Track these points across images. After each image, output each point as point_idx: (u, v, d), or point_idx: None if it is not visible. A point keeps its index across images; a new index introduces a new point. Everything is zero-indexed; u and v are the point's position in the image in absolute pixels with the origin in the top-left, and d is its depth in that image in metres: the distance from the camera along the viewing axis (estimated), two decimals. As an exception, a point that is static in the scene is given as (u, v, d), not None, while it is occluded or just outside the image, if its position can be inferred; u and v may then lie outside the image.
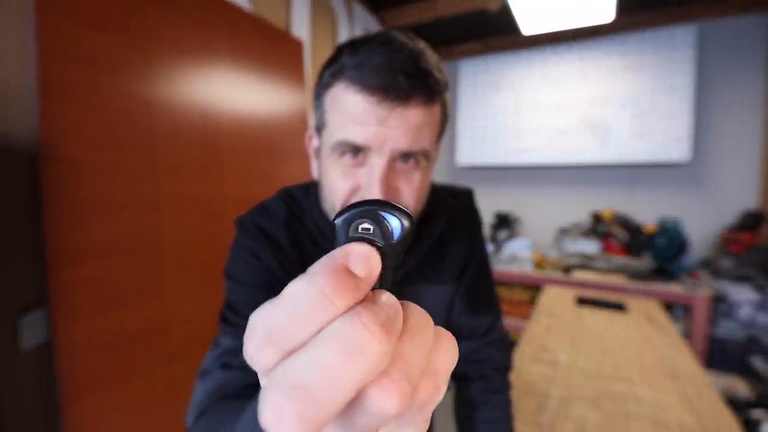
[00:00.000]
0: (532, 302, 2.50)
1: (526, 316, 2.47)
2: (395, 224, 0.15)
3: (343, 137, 0.39)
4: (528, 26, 2.17)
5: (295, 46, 1.79)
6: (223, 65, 1.38)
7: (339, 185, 0.41)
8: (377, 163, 0.38)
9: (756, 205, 2.22)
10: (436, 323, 0.20)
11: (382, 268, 0.14)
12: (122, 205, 1.06)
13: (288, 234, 0.49)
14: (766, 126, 2.21)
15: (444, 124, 0.46)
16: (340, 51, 0.40)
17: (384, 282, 0.15)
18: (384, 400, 0.12)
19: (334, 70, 0.40)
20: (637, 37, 2.38)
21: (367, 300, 0.13)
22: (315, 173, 0.50)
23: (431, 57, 0.40)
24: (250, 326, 0.14)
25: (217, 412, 0.38)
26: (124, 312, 1.06)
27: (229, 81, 1.40)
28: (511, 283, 2.55)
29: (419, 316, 0.15)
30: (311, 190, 0.53)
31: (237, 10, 1.46)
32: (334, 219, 0.16)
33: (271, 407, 0.12)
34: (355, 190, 0.40)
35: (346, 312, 0.13)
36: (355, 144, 0.38)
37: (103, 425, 0.99)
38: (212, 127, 1.32)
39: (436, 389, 0.14)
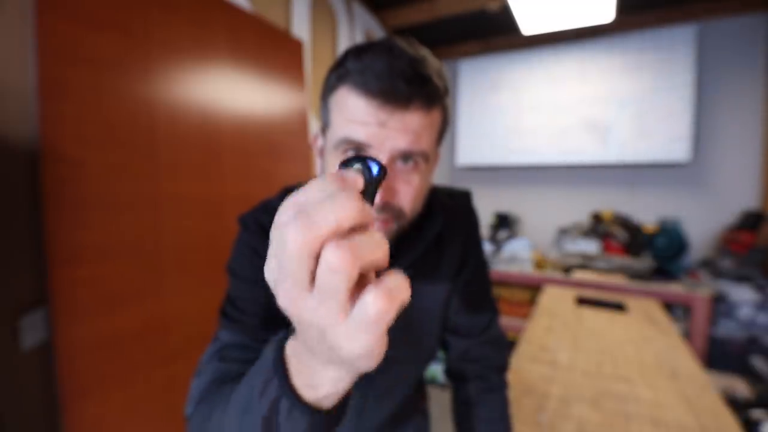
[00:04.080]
0: (531, 302, 2.49)
1: (525, 316, 2.47)
2: (374, 168, 0.24)
3: (345, 134, 0.41)
4: (528, 26, 2.17)
5: (295, 46, 1.79)
6: (223, 65, 1.38)
7: None
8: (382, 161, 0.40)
9: (756, 205, 2.22)
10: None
11: (364, 191, 0.23)
12: (122, 205, 1.06)
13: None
14: (766, 125, 2.21)
15: (444, 128, 0.47)
16: (346, 56, 0.42)
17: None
18: (334, 254, 0.18)
19: (339, 74, 0.42)
20: (637, 36, 2.38)
21: None
22: (319, 172, 0.51)
23: (432, 64, 0.41)
24: (283, 204, 0.20)
25: (216, 395, 0.39)
26: (124, 311, 1.06)
27: (229, 81, 1.40)
28: (511, 283, 2.55)
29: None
30: None
31: (237, 10, 1.46)
32: (339, 166, 0.24)
33: (286, 226, 0.19)
34: None
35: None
36: (357, 141, 0.40)
37: (103, 424, 0.99)
38: (212, 127, 1.32)
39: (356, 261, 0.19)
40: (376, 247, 0.20)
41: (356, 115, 0.40)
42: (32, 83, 0.88)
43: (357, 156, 0.25)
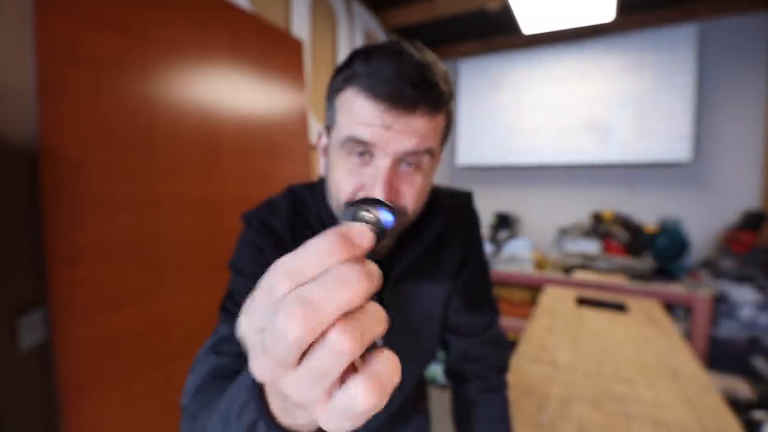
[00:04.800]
0: (532, 302, 2.49)
1: (526, 317, 2.46)
2: (387, 217, 0.22)
3: (350, 133, 0.41)
4: (528, 25, 2.17)
5: (295, 45, 1.79)
6: (223, 65, 1.38)
7: (345, 183, 0.43)
8: (382, 164, 0.41)
9: (757, 205, 2.21)
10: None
11: (374, 245, 0.20)
12: (121, 205, 1.06)
13: (290, 229, 0.52)
14: (767, 125, 2.21)
15: (448, 131, 0.48)
16: (353, 58, 0.42)
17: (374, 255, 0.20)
18: (341, 338, 0.17)
19: (346, 75, 0.42)
20: (637, 36, 2.38)
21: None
22: (323, 170, 0.51)
23: (438, 69, 0.42)
24: (274, 267, 0.19)
25: (211, 388, 0.41)
26: (123, 311, 1.06)
27: (228, 81, 1.40)
28: (512, 283, 2.54)
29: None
30: (316, 188, 0.55)
31: (237, 10, 1.45)
32: (345, 207, 0.23)
33: (285, 312, 0.17)
34: (359, 188, 0.42)
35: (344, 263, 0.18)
36: (362, 140, 0.41)
37: (102, 425, 0.99)
38: (212, 127, 1.32)
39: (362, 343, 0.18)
40: (377, 323, 0.19)
41: (363, 117, 0.40)
42: (31, 83, 0.88)
43: (365, 199, 0.24)
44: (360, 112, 0.40)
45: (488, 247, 2.63)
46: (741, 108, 2.26)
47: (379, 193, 0.40)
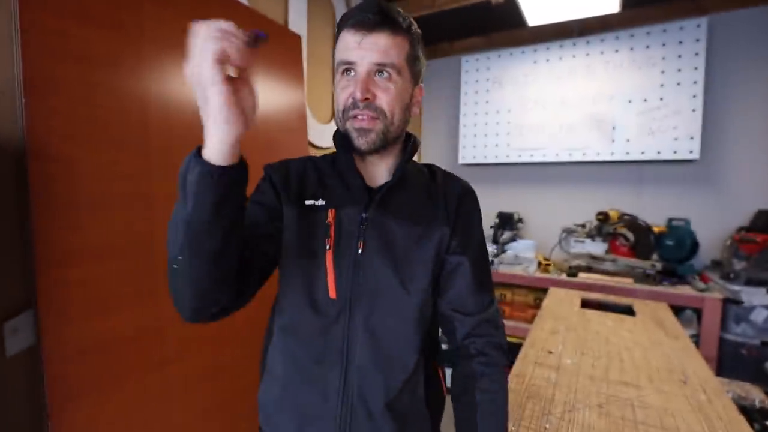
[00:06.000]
0: (536, 304, 2.45)
1: (530, 319, 2.42)
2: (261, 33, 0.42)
3: (339, 58, 0.59)
4: (533, 17, 2.14)
5: (294, 40, 1.77)
6: (219, 62, 1.36)
7: (341, 96, 0.59)
8: (359, 72, 0.57)
9: (768, 205, 2.15)
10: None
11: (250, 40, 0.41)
12: (114, 205, 1.04)
13: (300, 167, 0.68)
14: (778, 123, 2.15)
15: (416, 61, 0.62)
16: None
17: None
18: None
19: (338, 26, 0.60)
20: (644, 31, 2.33)
21: None
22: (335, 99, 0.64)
23: (395, 8, 0.58)
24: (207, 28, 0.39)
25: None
26: (115, 314, 1.04)
27: (225, 78, 1.38)
28: (515, 284, 2.51)
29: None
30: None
31: (233, 4, 1.44)
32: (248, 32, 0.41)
33: (196, 54, 0.39)
34: (350, 96, 0.57)
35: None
36: (345, 60, 0.57)
37: None
38: (207, 125, 1.30)
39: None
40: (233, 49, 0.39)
41: (344, 44, 0.57)
42: (18, 79, 0.86)
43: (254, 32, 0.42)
44: (342, 42, 0.58)
45: (491, 248, 2.59)
46: (751, 104, 2.21)
47: (358, 94, 0.55)
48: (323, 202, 0.62)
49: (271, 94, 1.62)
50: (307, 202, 0.63)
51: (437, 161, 3.35)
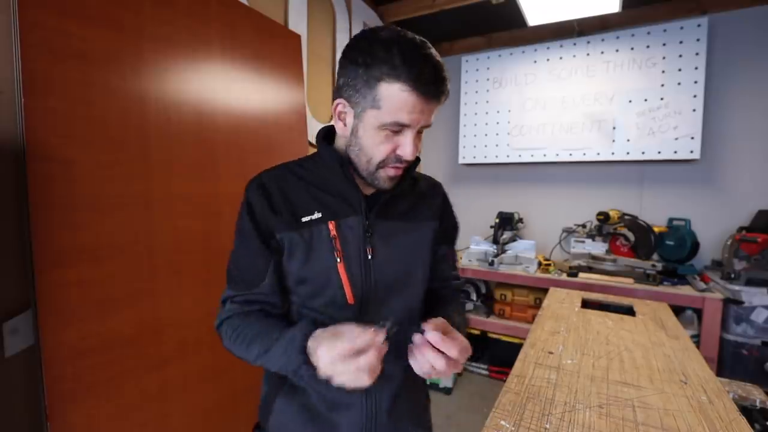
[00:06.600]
0: (536, 305, 2.45)
1: (530, 320, 2.42)
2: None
3: (397, 119, 0.56)
4: (534, 16, 2.14)
5: (294, 39, 1.77)
6: (219, 60, 1.36)
7: (380, 148, 0.59)
8: (409, 134, 0.58)
9: (769, 205, 2.15)
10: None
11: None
12: (113, 205, 1.04)
13: (281, 182, 0.66)
14: (779, 122, 2.15)
15: None
16: (388, 48, 0.53)
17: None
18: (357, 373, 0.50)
19: (387, 68, 0.53)
20: (645, 30, 2.33)
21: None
22: (339, 131, 0.64)
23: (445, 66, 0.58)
24: (362, 339, 0.50)
25: (239, 317, 0.65)
26: (115, 315, 1.03)
27: (224, 76, 1.38)
28: (516, 284, 2.50)
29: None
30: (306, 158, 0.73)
31: (232, 3, 1.43)
32: (383, 323, 0.53)
33: (346, 378, 0.50)
34: (393, 151, 0.59)
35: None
36: (404, 123, 0.57)
37: (92, 432, 0.96)
38: (207, 124, 1.29)
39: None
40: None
41: (409, 108, 0.55)
42: (18, 79, 0.86)
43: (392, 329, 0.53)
44: (407, 104, 0.55)
45: (491, 248, 2.59)
46: (752, 103, 2.20)
47: (410, 156, 0.59)
48: (320, 215, 0.63)
49: (271, 94, 1.61)
50: (304, 219, 0.63)
51: (437, 161, 3.33)
